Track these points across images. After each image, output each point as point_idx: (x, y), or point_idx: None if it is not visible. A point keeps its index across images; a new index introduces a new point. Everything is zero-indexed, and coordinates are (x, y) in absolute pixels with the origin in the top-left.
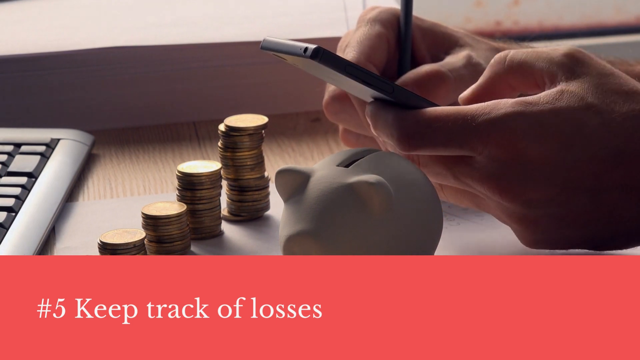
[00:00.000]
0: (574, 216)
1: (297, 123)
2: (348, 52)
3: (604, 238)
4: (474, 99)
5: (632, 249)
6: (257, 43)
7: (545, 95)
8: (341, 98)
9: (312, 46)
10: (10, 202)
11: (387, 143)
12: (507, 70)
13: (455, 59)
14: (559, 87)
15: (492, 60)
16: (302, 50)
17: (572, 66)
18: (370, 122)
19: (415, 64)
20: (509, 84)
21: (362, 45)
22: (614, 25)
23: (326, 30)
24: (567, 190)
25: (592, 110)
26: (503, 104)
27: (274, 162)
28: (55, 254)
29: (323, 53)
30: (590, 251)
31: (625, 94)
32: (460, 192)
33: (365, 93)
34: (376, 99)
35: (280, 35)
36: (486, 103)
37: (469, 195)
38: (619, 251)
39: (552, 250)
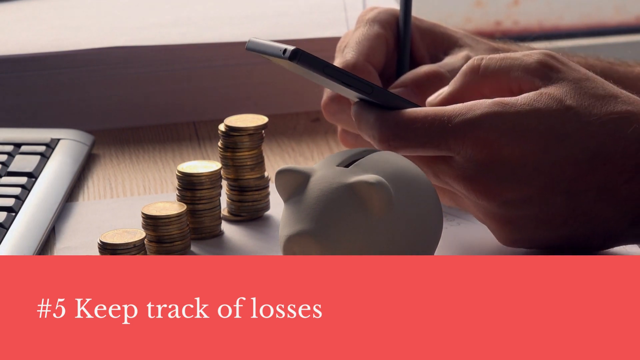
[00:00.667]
0: (550, 217)
1: (297, 123)
2: (347, 52)
3: (581, 238)
4: (444, 104)
5: (615, 248)
6: None
7: (523, 97)
8: (339, 99)
9: (290, 48)
10: (10, 202)
11: (372, 143)
12: (480, 79)
13: (454, 60)
14: (538, 91)
15: (465, 67)
16: (282, 51)
17: (548, 72)
18: (354, 122)
19: (414, 64)
20: (482, 92)
21: (360, 45)
22: (614, 25)
23: (326, 30)
24: (544, 191)
25: (571, 113)
26: (480, 105)
27: (274, 162)
28: (55, 254)
29: (301, 55)
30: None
31: (602, 97)
32: (441, 190)
33: (348, 94)
34: (361, 99)
35: (281, 35)
36: (463, 104)
37: (448, 194)
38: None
39: (531, 250)
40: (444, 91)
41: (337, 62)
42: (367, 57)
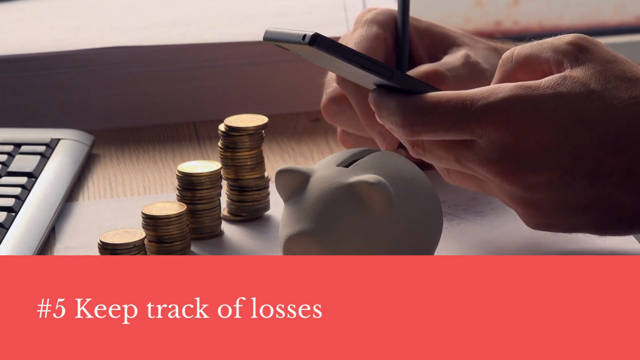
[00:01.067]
0: (575, 200)
1: (297, 123)
2: None
3: (606, 222)
4: None
5: (617, 248)
6: (257, 43)
7: (546, 81)
8: (339, 100)
9: (310, 33)
10: (10, 202)
11: (392, 129)
12: (515, 67)
13: (453, 59)
14: (562, 74)
15: (500, 61)
16: (301, 37)
17: (577, 53)
18: (374, 109)
19: (413, 64)
20: (519, 80)
21: (359, 46)
22: (614, 25)
23: (326, 30)
24: (567, 174)
25: (594, 96)
26: (502, 88)
27: (274, 162)
28: (55, 254)
29: (321, 39)
30: (593, 238)
31: (629, 80)
32: (466, 176)
33: (367, 80)
34: (378, 86)
35: None
36: (486, 87)
37: (473, 179)
38: (623, 238)
39: (555, 235)
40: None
41: None
42: None
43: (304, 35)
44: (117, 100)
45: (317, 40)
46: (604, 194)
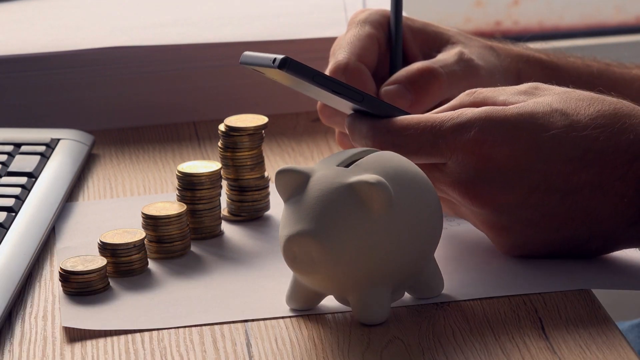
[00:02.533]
0: (546, 219)
1: (297, 123)
2: (339, 54)
3: (580, 241)
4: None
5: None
6: (257, 43)
7: (512, 104)
8: None
9: (280, 56)
10: (10, 202)
11: None
12: (471, 103)
13: (447, 56)
14: (526, 101)
15: (462, 93)
16: (272, 61)
17: (535, 91)
18: (348, 134)
19: (407, 62)
20: None
21: (352, 46)
22: (614, 25)
23: (326, 30)
24: (536, 192)
25: (558, 113)
26: (470, 110)
27: (274, 162)
28: (55, 254)
29: (290, 63)
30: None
31: (590, 98)
32: (442, 200)
33: (339, 104)
34: (355, 111)
35: (280, 35)
36: (454, 110)
37: (448, 203)
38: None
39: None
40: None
41: (330, 64)
42: (359, 57)
43: (274, 59)
44: (117, 100)
45: (287, 64)
46: (575, 209)
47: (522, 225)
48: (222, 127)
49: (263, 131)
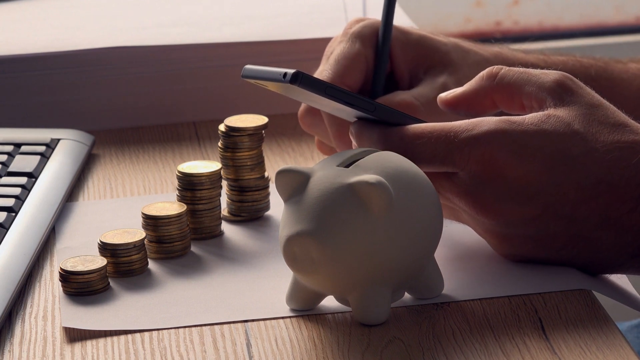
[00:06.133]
0: (549, 240)
1: (297, 123)
2: (324, 71)
3: (580, 264)
4: (453, 103)
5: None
6: (257, 43)
7: (531, 117)
8: (314, 112)
9: (290, 71)
10: (10, 202)
11: None
12: (495, 87)
13: (428, 89)
14: (546, 112)
15: (483, 73)
16: (282, 75)
17: (562, 93)
18: (354, 140)
19: (393, 82)
20: (494, 100)
21: (338, 65)
22: (613, 25)
23: (326, 30)
24: (545, 213)
25: (577, 137)
26: (486, 122)
27: (274, 162)
28: (55, 254)
29: (302, 77)
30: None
31: (612, 125)
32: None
33: (348, 113)
34: (360, 118)
35: (280, 35)
36: (470, 120)
37: (447, 208)
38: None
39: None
40: (457, 90)
41: (317, 72)
42: (343, 78)
43: (285, 74)
44: (117, 100)
45: (299, 78)
46: (580, 237)
47: (524, 239)
48: (222, 127)
49: (263, 131)
